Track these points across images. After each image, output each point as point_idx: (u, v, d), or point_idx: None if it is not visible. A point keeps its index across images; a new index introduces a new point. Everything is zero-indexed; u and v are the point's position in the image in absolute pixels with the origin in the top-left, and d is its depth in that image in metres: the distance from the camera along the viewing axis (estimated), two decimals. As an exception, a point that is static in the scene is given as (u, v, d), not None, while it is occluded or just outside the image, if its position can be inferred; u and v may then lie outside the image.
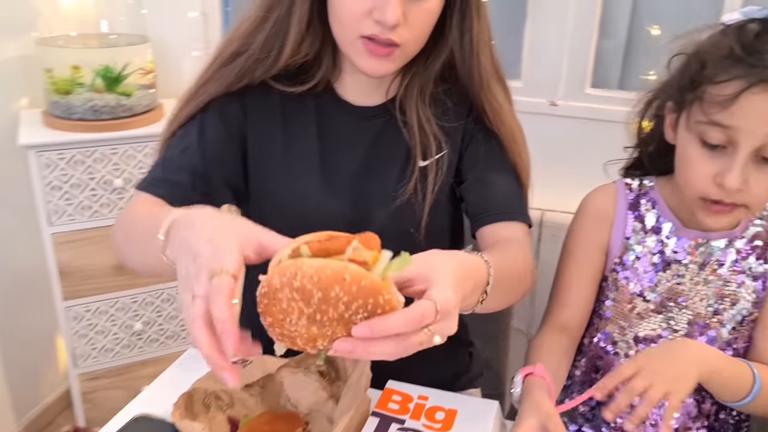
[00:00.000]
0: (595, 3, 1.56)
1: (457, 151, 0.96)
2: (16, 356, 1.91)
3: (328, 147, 0.95)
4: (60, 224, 1.67)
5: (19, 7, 1.73)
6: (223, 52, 0.91)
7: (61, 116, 1.68)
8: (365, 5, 0.80)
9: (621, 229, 0.95)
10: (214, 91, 0.91)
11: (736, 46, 0.78)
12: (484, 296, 0.72)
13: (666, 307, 0.92)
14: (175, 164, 0.91)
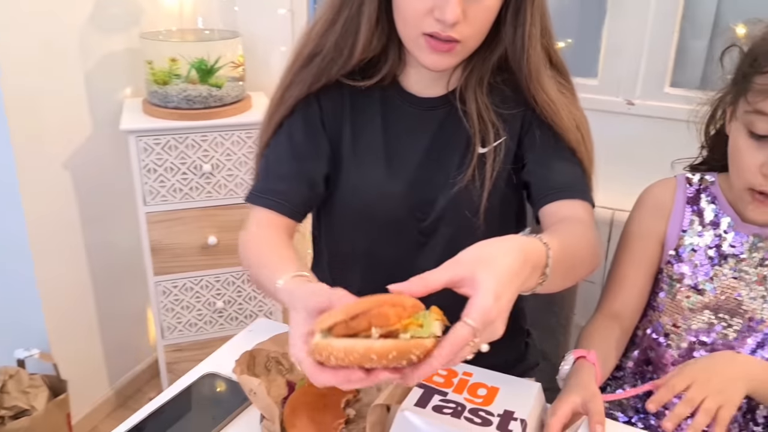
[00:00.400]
0: (678, 1, 1.53)
1: (516, 137, 0.98)
2: (112, 326, 2.08)
3: (392, 137, 1.00)
4: (153, 204, 1.81)
5: (127, 4, 1.89)
6: (300, 53, 0.97)
7: (158, 104, 1.82)
8: (426, 4, 0.84)
9: (678, 222, 0.95)
10: (297, 93, 0.97)
11: None
12: (544, 278, 0.72)
13: (720, 301, 0.92)
14: (275, 173, 0.98)
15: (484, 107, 0.96)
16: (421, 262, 1.02)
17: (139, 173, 1.76)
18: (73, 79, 1.80)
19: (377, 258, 1.04)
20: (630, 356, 1.02)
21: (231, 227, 1.90)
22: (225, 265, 1.93)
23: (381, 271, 1.03)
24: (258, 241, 0.94)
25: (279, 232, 0.95)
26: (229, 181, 1.85)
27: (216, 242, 1.88)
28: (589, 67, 1.68)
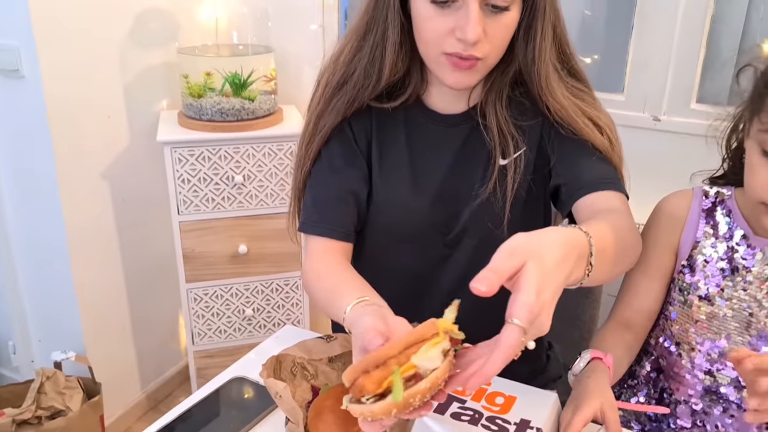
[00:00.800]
0: (705, 17, 1.54)
1: (535, 147, 1.00)
2: (145, 331, 2.15)
3: (417, 154, 1.03)
4: (187, 213, 1.87)
5: (165, 20, 1.96)
6: (330, 82, 1.00)
7: (193, 117, 1.88)
8: (447, 25, 0.87)
9: (692, 232, 0.97)
10: (332, 121, 1.00)
11: None
12: (590, 268, 0.72)
13: (731, 313, 0.93)
14: (323, 201, 1.02)
15: (503, 120, 0.99)
16: (446, 274, 1.05)
17: (173, 183, 1.82)
18: (113, 92, 1.88)
19: (403, 270, 1.07)
20: (643, 364, 1.03)
21: (261, 236, 1.95)
22: (254, 273, 1.98)
23: (407, 282, 1.07)
24: (319, 271, 0.98)
25: (336, 256, 0.99)
26: (259, 191, 1.90)
27: (246, 251, 1.93)
28: (616, 83, 1.69)
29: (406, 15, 0.94)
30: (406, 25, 0.94)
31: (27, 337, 2.04)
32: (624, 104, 1.67)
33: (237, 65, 1.87)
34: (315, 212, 1.02)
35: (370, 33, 0.95)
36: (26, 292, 1.98)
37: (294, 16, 2.04)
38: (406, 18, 0.94)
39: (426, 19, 0.89)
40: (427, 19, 0.88)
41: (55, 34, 1.68)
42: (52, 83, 1.69)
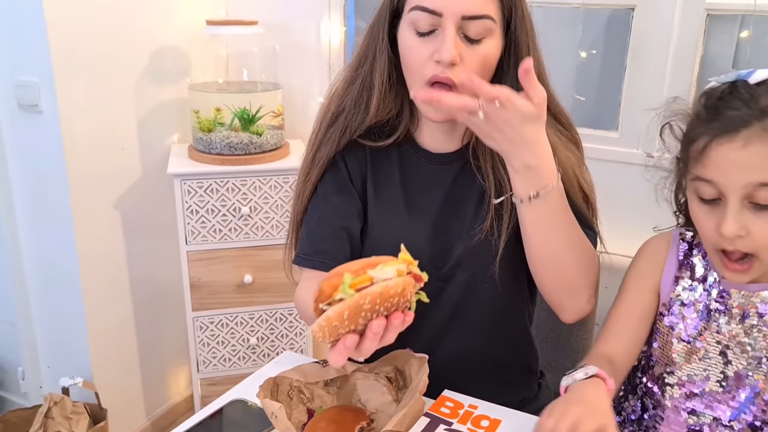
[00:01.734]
0: (694, 58, 1.59)
1: None
2: (152, 358, 2.19)
3: (410, 191, 1.08)
4: (194, 243, 1.92)
5: (179, 57, 2.05)
6: (326, 114, 1.08)
7: (203, 150, 1.95)
8: (428, 51, 0.93)
9: (671, 275, 0.98)
10: (327, 152, 1.06)
11: (701, 109, 0.87)
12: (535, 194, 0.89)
13: (708, 355, 0.95)
14: (317, 235, 1.07)
15: (497, 160, 1.03)
16: (439, 307, 1.09)
17: (182, 214, 1.88)
18: (127, 126, 1.95)
19: None
20: (630, 402, 1.05)
21: (266, 267, 2.00)
22: (259, 302, 2.03)
23: None
24: (307, 299, 1.03)
25: None
26: (265, 223, 1.96)
27: (251, 281, 1.98)
28: (610, 121, 1.75)
29: (395, 52, 1.00)
30: (394, 59, 1.00)
31: (36, 364, 2.09)
32: (618, 141, 1.72)
33: (246, 101, 1.95)
34: (308, 246, 1.07)
35: (361, 65, 1.03)
36: (37, 319, 2.04)
37: (301, 54, 2.12)
38: (395, 54, 1.00)
39: (409, 48, 0.96)
40: (411, 48, 0.95)
41: (74, 71, 1.76)
42: (69, 117, 1.76)
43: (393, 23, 1.01)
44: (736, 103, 0.83)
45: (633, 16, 1.64)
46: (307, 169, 1.09)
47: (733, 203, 0.83)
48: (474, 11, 0.92)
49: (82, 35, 1.77)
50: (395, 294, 0.70)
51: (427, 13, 0.92)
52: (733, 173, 0.82)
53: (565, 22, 1.76)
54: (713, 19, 1.59)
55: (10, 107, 1.80)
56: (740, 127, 0.81)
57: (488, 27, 0.93)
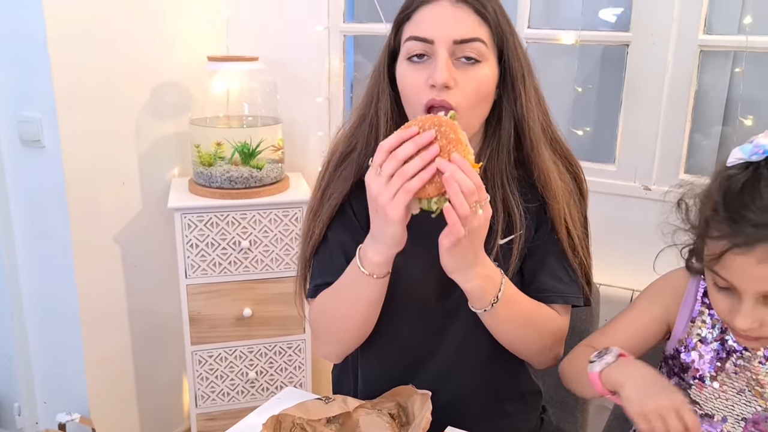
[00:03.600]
0: (689, 92, 1.62)
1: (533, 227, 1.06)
2: (149, 393, 2.17)
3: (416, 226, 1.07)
4: (194, 277, 1.92)
5: (180, 93, 2.07)
6: (333, 154, 1.10)
7: (203, 184, 1.96)
8: (422, 75, 0.95)
9: (688, 310, 0.98)
10: (341, 188, 1.07)
11: (720, 203, 0.83)
12: (495, 300, 0.95)
13: (726, 395, 0.94)
14: (328, 268, 1.08)
15: (508, 198, 1.03)
16: (444, 343, 1.08)
17: (182, 247, 1.89)
18: (128, 160, 1.97)
19: (402, 338, 1.09)
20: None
21: (265, 300, 2.00)
22: (258, 336, 2.02)
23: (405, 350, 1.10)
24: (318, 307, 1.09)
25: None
26: (265, 256, 1.96)
27: (251, 314, 1.98)
28: (607, 154, 1.77)
29: (397, 90, 1.02)
30: (395, 96, 1.03)
31: (32, 399, 2.07)
32: (615, 174, 1.74)
33: (246, 135, 1.97)
34: (321, 278, 1.08)
35: (368, 107, 1.05)
36: (35, 353, 2.02)
37: (301, 88, 2.15)
38: (396, 92, 1.03)
39: (405, 77, 0.98)
40: (406, 76, 0.98)
41: (76, 106, 1.78)
42: (71, 152, 1.78)
43: (392, 65, 1.03)
44: (755, 212, 0.79)
45: (628, 53, 1.67)
46: (317, 207, 1.10)
47: (748, 302, 0.82)
48: (464, 35, 0.94)
49: (86, 71, 1.79)
50: (438, 122, 0.85)
51: (420, 41, 0.95)
52: (748, 281, 0.81)
53: (561, 57, 1.80)
54: (706, 55, 1.62)
55: (12, 142, 1.82)
56: (757, 243, 0.78)
57: (480, 50, 0.95)
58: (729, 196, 0.82)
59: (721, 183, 0.84)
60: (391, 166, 0.84)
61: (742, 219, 0.79)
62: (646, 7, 1.63)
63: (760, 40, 1.52)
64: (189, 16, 2.06)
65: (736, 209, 0.80)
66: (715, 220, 0.83)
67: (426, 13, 0.96)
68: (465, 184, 0.82)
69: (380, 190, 0.85)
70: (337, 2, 2.07)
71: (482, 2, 0.96)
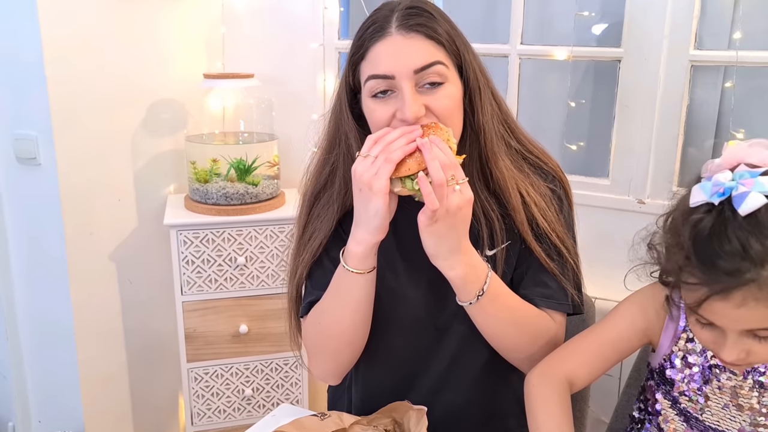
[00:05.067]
0: (681, 107, 1.64)
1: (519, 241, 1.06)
2: (144, 411, 2.16)
3: (404, 242, 1.08)
4: (190, 294, 1.92)
5: (176, 110, 2.08)
6: (306, 193, 1.11)
7: (199, 201, 1.96)
8: (389, 111, 0.95)
9: (673, 327, 0.97)
10: (324, 227, 1.07)
11: (691, 251, 0.81)
12: (481, 292, 0.96)
13: (712, 410, 0.94)
14: (321, 285, 1.07)
15: (490, 209, 1.04)
16: (438, 355, 1.09)
17: (178, 264, 1.89)
18: (124, 177, 1.97)
19: (396, 352, 1.10)
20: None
21: (261, 316, 1.99)
22: (255, 353, 2.01)
23: (399, 363, 1.10)
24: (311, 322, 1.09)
25: None
26: (261, 272, 1.96)
27: (247, 330, 1.97)
28: (601, 168, 1.78)
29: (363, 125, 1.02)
30: (363, 133, 1.02)
31: (27, 418, 2.06)
32: (609, 188, 1.74)
33: (242, 152, 1.98)
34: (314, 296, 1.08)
35: (336, 146, 1.05)
36: (30, 372, 2.01)
37: (297, 105, 2.16)
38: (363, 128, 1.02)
39: (374, 112, 0.97)
40: (373, 112, 0.97)
41: (72, 124, 1.79)
42: (66, 170, 1.78)
43: (354, 102, 1.03)
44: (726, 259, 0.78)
45: (620, 68, 1.69)
46: (298, 246, 1.10)
47: (732, 337, 0.82)
48: (423, 62, 0.94)
49: (81, 88, 1.80)
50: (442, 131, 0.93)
51: (380, 78, 0.95)
52: (730, 322, 0.81)
53: (554, 73, 1.81)
54: (697, 69, 1.64)
55: (7, 160, 1.82)
56: (734, 288, 0.78)
57: (441, 72, 0.96)
58: (698, 243, 0.81)
59: (690, 230, 0.82)
60: (379, 149, 0.90)
61: (715, 268, 0.79)
62: (637, 23, 1.65)
63: (750, 55, 1.54)
64: (184, 33, 2.08)
65: (708, 257, 0.79)
66: (688, 267, 0.82)
67: (380, 49, 0.95)
68: (441, 156, 0.88)
69: (365, 168, 0.90)
70: (332, 19, 2.08)
71: (431, 27, 0.96)
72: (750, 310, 0.78)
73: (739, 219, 0.78)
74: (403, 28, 0.94)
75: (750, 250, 0.77)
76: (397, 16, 0.96)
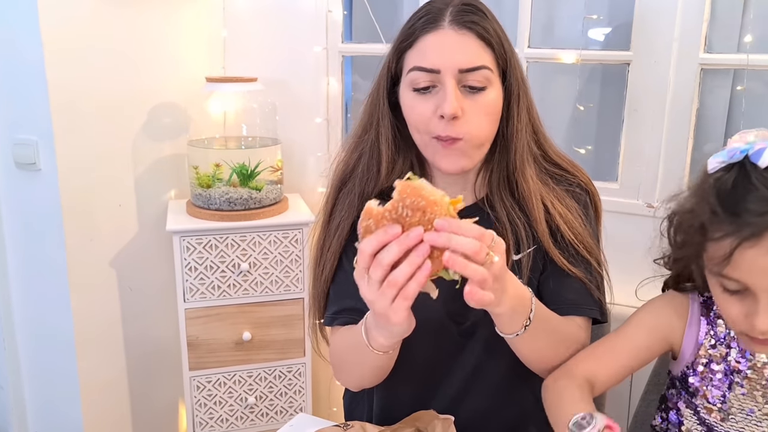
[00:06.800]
0: (691, 110, 1.63)
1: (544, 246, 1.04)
2: (145, 420, 2.12)
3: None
4: (193, 301, 1.89)
5: (178, 115, 2.05)
6: (334, 180, 1.09)
7: (201, 206, 1.93)
8: (430, 107, 0.95)
9: (694, 334, 0.96)
10: (346, 216, 1.05)
11: (716, 205, 0.81)
12: (528, 322, 0.89)
13: (736, 417, 0.93)
14: (343, 294, 1.07)
15: (515, 214, 1.02)
16: (461, 363, 1.06)
17: (181, 271, 1.85)
18: (125, 183, 1.94)
19: (419, 359, 1.07)
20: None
21: (265, 323, 1.96)
22: (258, 360, 1.98)
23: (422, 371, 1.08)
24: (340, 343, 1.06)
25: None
26: (264, 278, 1.93)
27: (250, 338, 1.94)
28: (610, 172, 1.77)
29: (397, 116, 1.02)
30: (395, 122, 1.02)
31: (25, 429, 2.01)
32: (618, 192, 1.73)
33: (245, 156, 1.95)
34: (337, 305, 1.06)
35: (366, 133, 1.05)
36: (27, 381, 1.97)
37: (300, 109, 2.14)
38: (396, 117, 1.02)
39: (411, 108, 0.97)
40: (412, 107, 0.97)
41: (73, 129, 1.75)
42: (67, 175, 1.75)
43: (392, 89, 1.03)
44: (754, 202, 0.78)
45: (629, 71, 1.68)
46: (324, 235, 1.09)
47: (764, 300, 0.80)
48: (470, 64, 0.94)
49: (82, 93, 1.77)
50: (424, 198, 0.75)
51: (426, 72, 0.94)
52: (762, 275, 0.79)
53: (562, 76, 1.80)
54: (707, 73, 1.63)
55: (7, 165, 1.78)
56: (764, 230, 0.77)
57: (487, 76, 0.95)
58: (723, 194, 0.81)
59: (711, 186, 0.83)
60: (379, 274, 0.76)
61: (744, 212, 0.78)
62: (646, 26, 1.64)
63: (760, 58, 1.53)
64: (186, 37, 2.05)
65: (735, 204, 0.79)
66: (714, 222, 0.81)
67: (430, 41, 0.95)
68: (466, 246, 0.74)
69: (375, 297, 0.78)
70: (336, 23, 2.06)
71: (485, 27, 0.95)
72: None
73: (759, 170, 0.79)
74: (457, 23, 0.94)
75: None
76: (451, 11, 0.95)
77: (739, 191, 0.80)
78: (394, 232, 0.75)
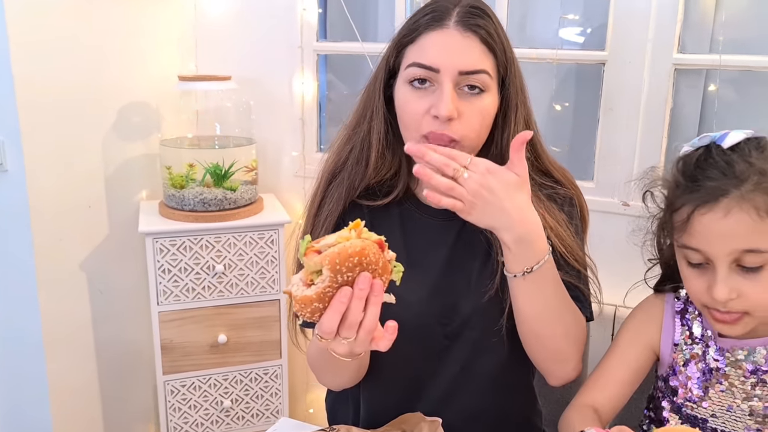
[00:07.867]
0: (664, 110, 1.65)
1: None
2: (118, 424, 2.07)
3: (413, 248, 1.05)
4: (166, 304, 1.85)
5: (150, 114, 2.00)
6: (325, 172, 1.08)
7: (175, 207, 1.89)
8: (424, 105, 0.94)
9: (670, 336, 0.98)
10: (331, 212, 1.04)
11: (679, 177, 0.88)
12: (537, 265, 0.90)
13: (716, 413, 0.94)
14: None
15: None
16: (447, 364, 1.06)
17: (154, 273, 1.81)
18: (94, 183, 1.89)
19: (404, 362, 1.06)
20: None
21: (241, 325, 1.93)
22: (234, 363, 1.95)
23: (407, 373, 1.07)
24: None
25: None
26: (240, 280, 1.90)
27: (226, 340, 1.91)
28: (585, 171, 1.78)
29: (391, 110, 1.01)
30: (389, 117, 1.01)
31: (-9, 436, 1.95)
32: (594, 191, 1.75)
33: (218, 156, 1.92)
34: None
35: (359, 125, 1.03)
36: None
37: (275, 108, 2.11)
38: (390, 113, 1.02)
39: (405, 103, 0.96)
40: (407, 102, 0.96)
41: (40, 128, 1.70)
42: (35, 176, 1.70)
43: (389, 83, 1.02)
44: (712, 171, 0.84)
45: (604, 71, 1.70)
46: (309, 229, 1.07)
47: (722, 269, 0.84)
48: (471, 66, 0.93)
49: (50, 91, 1.72)
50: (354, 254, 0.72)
51: (424, 69, 0.94)
52: (717, 242, 0.83)
53: (538, 75, 1.81)
54: (681, 73, 1.65)
55: (-29, 166, 1.72)
56: (719, 197, 0.82)
57: (485, 81, 0.95)
58: (686, 169, 0.88)
59: (678, 164, 0.90)
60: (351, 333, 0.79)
61: (701, 180, 0.84)
62: (621, 27, 1.66)
63: (732, 59, 1.56)
64: (157, 33, 2.01)
65: (694, 176, 0.86)
66: (677, 194, 0.87)
67: (433, 39, 0.94)
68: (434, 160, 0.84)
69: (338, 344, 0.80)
70: (310, 21, 2.04)
71: (490, 32, 0.95)
72: (736, 223, 0.81)
73: (722, 149, 0.86)
74: (462, 25, 0.93)
75: (734, 166, 0.83)
76: (458, 11, 0.94)
77: (700, 164, 0.86)
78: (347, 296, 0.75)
